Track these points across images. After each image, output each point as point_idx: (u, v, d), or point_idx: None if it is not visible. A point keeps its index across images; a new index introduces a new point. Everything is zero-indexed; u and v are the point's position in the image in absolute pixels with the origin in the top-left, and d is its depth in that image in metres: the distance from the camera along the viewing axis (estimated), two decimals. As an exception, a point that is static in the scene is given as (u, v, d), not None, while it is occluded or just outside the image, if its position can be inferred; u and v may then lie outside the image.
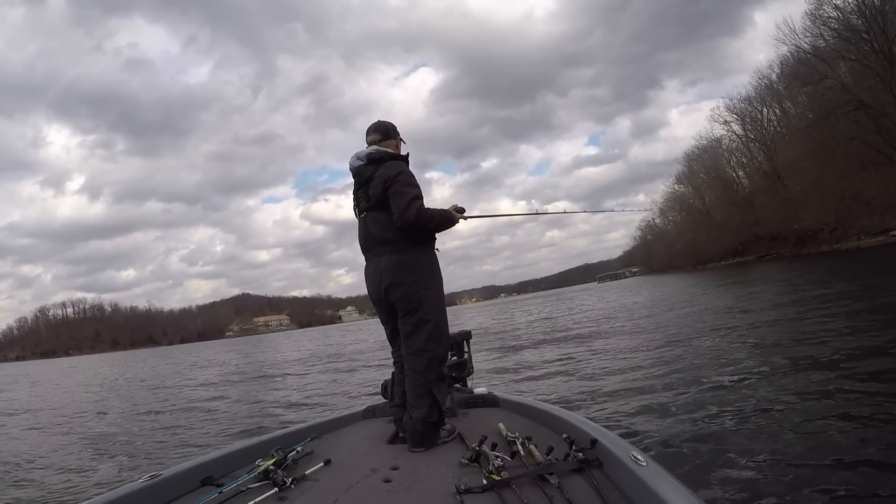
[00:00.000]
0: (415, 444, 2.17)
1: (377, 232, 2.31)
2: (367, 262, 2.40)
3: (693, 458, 3.27)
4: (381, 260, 2.30)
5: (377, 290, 2.34)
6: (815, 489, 2.61)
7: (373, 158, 2.35)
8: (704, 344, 7.64)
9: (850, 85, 28.31)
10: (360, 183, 2.37)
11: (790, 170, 39.59)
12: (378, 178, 2.28)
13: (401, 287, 2.27)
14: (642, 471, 1.43)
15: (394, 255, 2.28)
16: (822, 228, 35.06)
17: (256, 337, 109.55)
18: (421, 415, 2.18)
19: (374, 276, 2.34)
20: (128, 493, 1.66)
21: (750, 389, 4.68)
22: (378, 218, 2.30)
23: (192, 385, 13.79)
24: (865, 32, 27.57)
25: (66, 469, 5.44)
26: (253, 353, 27.91)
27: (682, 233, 71.92)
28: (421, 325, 2.27)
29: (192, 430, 6.88)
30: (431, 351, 2.27)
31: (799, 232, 40.91)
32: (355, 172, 2.40)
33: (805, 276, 17.53)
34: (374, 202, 2.30)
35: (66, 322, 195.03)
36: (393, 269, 2.27)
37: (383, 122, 2.51)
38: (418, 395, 2.23)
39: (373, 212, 2.32)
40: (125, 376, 20.82)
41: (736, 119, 55.66)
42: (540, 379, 7.29)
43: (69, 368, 37.53)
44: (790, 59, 36.55)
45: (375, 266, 2.33)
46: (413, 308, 2.27)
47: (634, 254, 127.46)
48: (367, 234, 2.35)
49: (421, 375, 2.25)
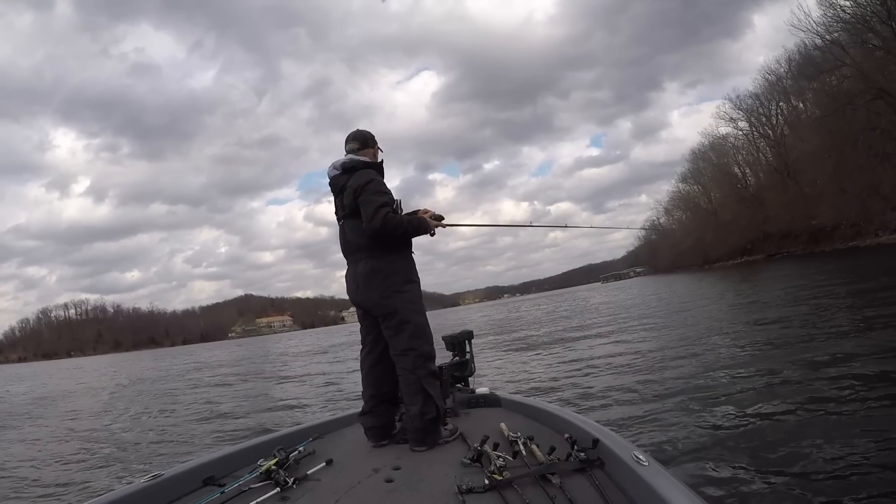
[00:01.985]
0: (416, 442, 2.20)
1: (353, 239, 2.37)
2: (347, 266, 2.45)
3: (695, 458, 3.25)
4: (358, 266, 2.36)
5: (354, 294, 2.40)
6: (816, 489, 2.59)
7: (346, 168, 2.41)
8: (709, 345, 7.54)
9: (868, 72, 26.84)
10: (337, 192, 2.43)
11: (803, 164, 38.35)
12: (349, 188, 2.33)
13: (374, 292, 2.31)
14: (644, 471, 1.43)
15: (368, 262, 2.33)
16: (840, 224, 33.55)
17: (259, 338, 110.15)
18: (416, 411, 2.21)
19: (351, 281, 2.41)
20: (130, 493, 1.67)
21: (752, 390, 4.65)
22: (353, 226, 2.35)
23: (193, 385, 13.64)
24: (886, 17, 26.15)
25: (68, 469, 5.41)
26: (255, 354, 27.66)
27: (689, 232, 70.72)
28: (402, 327, 2.30)
29: (194, 430, 6.84)
30: (416, 349, 2.30)
31: (813, 229, 39.53)
32: (332, 182, 2.46)
33: (824, 275, 16.70)
34: (349, 210, 2.35)
35: (68, 323, 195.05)
36: (367, 275, 2.33)
37: (362, 132, 2.55)
38: (411, 392, 2.27)
39: (349, 220, 2.37)
40: (127, 377, 20.48)
41: (742, 116, 55.20)
42: (542, 379, 7.23)
43: (73, 370, 37.56)
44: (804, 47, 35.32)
45: (353, 271, 2.40)
46: (390, 312, 2.31)
47: (639, 254, 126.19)
48: (346, 241, 2.42)
49: (410, 373, 2.28)
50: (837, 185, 31.09)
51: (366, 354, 2.46)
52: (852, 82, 27.96)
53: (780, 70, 47.92)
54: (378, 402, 2.37)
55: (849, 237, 33.79)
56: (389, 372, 2.36)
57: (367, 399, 2.39)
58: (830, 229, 35.91)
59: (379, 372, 2.40)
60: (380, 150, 2.58)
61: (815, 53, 31.89)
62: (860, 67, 27.36)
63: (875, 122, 26.58)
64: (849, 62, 27.99)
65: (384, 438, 2.34)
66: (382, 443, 2.32)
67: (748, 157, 57.73)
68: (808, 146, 35.87)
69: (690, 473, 2.96)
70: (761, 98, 51.99)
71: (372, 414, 2.35)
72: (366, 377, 2.44)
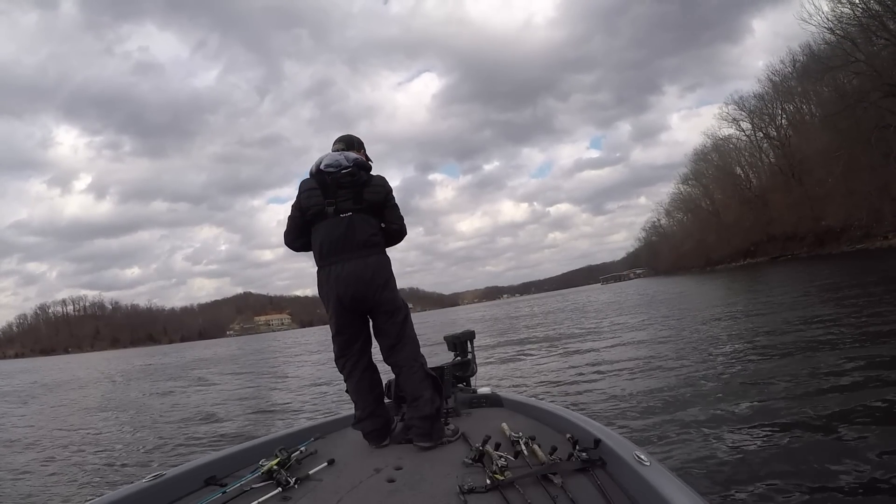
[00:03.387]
0: (422, 437, 2.16)
1: (365, 234, 2.30)
2: (344, 262, 2.28)
3: (697, 458, 3.23)
4: (369, 261, 2.30)
5: (361, 289, 2.27)
6: (817, 490, 2.58)
7: (364, 167, 2.41)
8: (712, 346, 7.52)
9: (881, 69, 26.01)
10: (353, 184, 2.34)
11: (810, 165, 37.52)
12: (379, 187, 2.37)
13: (386, 287, 2.32)
14: (646, 471, 1.43)
15: (379, 258, 2.33)
16: (850, 226, 32.71)
17: (258, 336, 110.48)
18: (428, 397, 2.22)
19: (360, 276, 2.27)
20: (131, 493, 1.66)
21: (755, 391, 4.63)
22: (369, 221, 2.33)
23: (194, 385, 13.43)
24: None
25: (69, 469, 5.33)
26: (254, 352, 27.51)
27: (690, 233, 70.11)
28: (405, 319, 2.36)
29: (195, 429, 6.77)
30: (416, 342, 2.39)
31: (819, 230, 38.75)
32: (350, 172, 2.34)
33: (837, 277, 16.05)
34: (367, 206, 2.33)
35: (66, 319, 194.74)
36: (380, 271, 2.31)
37: (351, 136, 2.56)
38: (417, 380, 2.28)
39: (363, 214, 2.32)
40: (127, 375, 20.28)
41: (745, 117, 54.77)
42: (543, 379, 7.17)
43: (70, 366, 37.39)
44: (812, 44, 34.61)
45: (362, 266, 2.28)
46: (399, 305, 2.35)
47: (639, 255, 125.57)
48: (349, 236, 2.29)
49: (415, 361, 2.32)
50: (847, 185, 30.25)
51: (356, 360, 2.37)
52: (865, 79, 27.11)
53: (785, 70, 47.55)
54: (375, 404, 2.33)
55: (856, 239, 32.96)
56: (375, 374, 2.39)
57: (364, 405, 2.31)
58: (838, 231, 35.09)
59: (369, 376, 2.38)
60: (370, 162, 2.55)
61: (825, 48, 31.07)
62: (872, 64, 26.57)
63: (889, 119, 25.70)
64: (862, 59, 27.15)
65: (385, 439, 2.29)
66: (384, 443, 2.27)
67: (751, 158, 57.24)
68: (815, 146, 35.08)
69: (692, 473, 2.97)
70: (765, 99, 51.72)
71: (370, 418, 2.29)
72: (358, 383, 2.36)
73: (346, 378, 2.39)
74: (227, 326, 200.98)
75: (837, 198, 32.13)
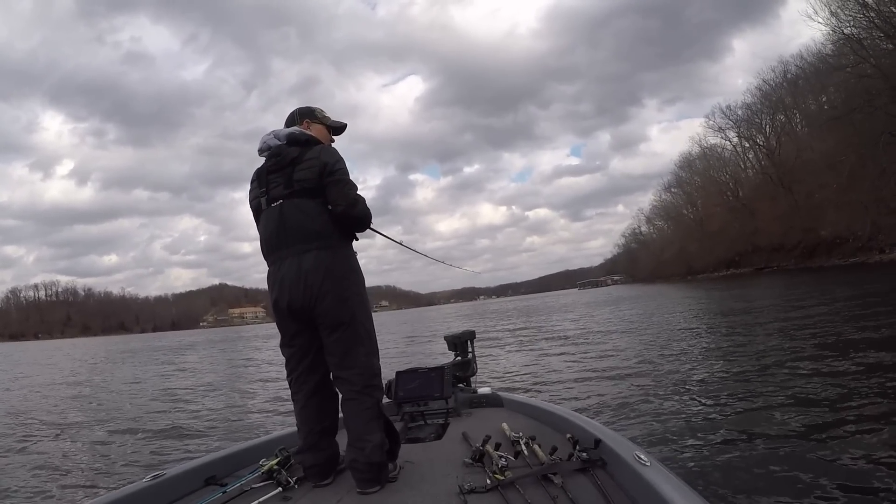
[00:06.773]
0: (368, 483, 1.77)
1: (301, 223, 1.86)
2: (281, 261, 1.88)
3: (697, 458, 3.22)
4: (305, 259, 1.83)
5: (297, 296, 1.83)
6: (817, 490, 2.57)
7: (298, 140, 1.97)
8: (710, 349, 7.68)
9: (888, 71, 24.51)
10: (283, 165, 1.94)
11: (801, 174, 36.30)
12: (313, 161, 1.89)
13: (330, 293, 1.83)
14: (646, 471, 1.43)
15: (322, 254, 1.85)
16: (847, 238, 31.34)
17: (233, 329, 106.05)
18: (377, 441, 1.79)
19: (294, 279, 1.83)
20: (131, 493, 1.65)
21: (755, 391, 4.64)
22: (305, 206, 1.87)
23: (195, 384, 12.60)
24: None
25: (68, 468, 4.96)
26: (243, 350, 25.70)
27: (671, 241, 69.15)
28: (358, 338, 1.88)
29: (196, 429, 6.33)
30: (372, 365, 1.91)
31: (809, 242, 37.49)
32: (275, 153, 1.97)
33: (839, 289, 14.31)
34: (300, 188, 1.89)
35: (37, 305, 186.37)
36: (325, 272, 1.83)
37: (296, 108, 2.21)
38: (366, 419, 1.83)
39: (296, 199, 1.88)
40: (121, 371, 18.32)
41: (732, 126, 54.11)
42: (544, 379, 7.07)
43: (47, 352, 35.70)
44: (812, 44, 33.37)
45: (296, 266, 1.83)
46: (347, 319, 1.85)
47: (617, 262, 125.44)
48: (284, 227, 1.88)
49: (367, 396, 1.86)
50: (845, 195, 28.79)
51: (303, 380, 1.92)
52: (870, 82, 25.62)
53: (776, 79, 46.65)
54: (321, 436, 1.91)
55: (850, 253, 31.61)
56: (329, 399, 1.94)
57: (307, 434, 1.90)
58: (829, 243, 33.79)
59: (319, 401, 1.93)
60: (332, 139, 2.18)
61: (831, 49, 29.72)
62: (877, 65, 25.12)
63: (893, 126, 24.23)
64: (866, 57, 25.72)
65: (328, 476, 1.91)
66: (325, 482, 1.89)
67: (737, 167, 56.46)
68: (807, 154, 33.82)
69: (692, 473, 2.93)
70: (752, 108, 51.08)
71: (311, 451, 1.88)
72: (303, 408, 1.93)
73: (293, 399, 1.98)
74: (200, 318, 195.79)
75: (835, 207, 30.66)
